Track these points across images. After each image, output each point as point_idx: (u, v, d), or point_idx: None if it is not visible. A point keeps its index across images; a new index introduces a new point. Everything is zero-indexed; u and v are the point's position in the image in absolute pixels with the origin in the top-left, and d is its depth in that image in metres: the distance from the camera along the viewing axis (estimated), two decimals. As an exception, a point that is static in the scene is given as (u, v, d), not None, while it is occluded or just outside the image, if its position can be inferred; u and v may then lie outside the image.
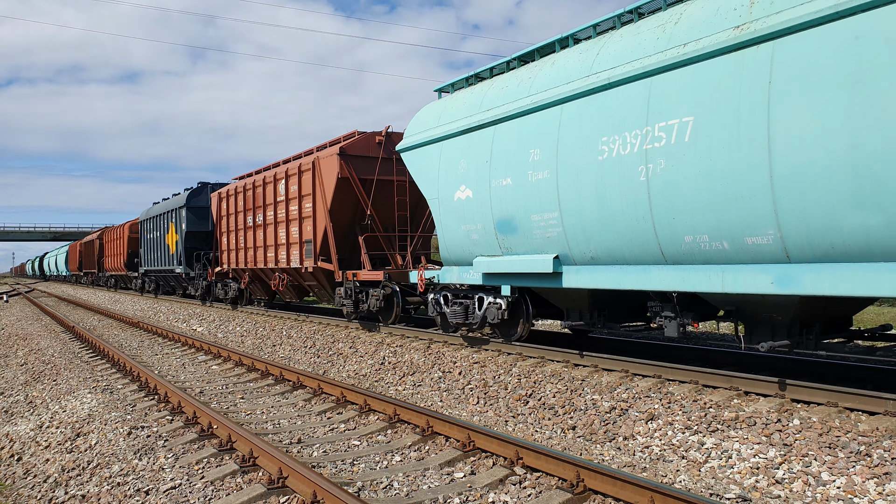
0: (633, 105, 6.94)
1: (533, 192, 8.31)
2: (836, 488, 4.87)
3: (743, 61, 5.92)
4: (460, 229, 9.77)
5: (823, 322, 6.72)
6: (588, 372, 8.18)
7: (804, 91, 5.48)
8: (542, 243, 8.36)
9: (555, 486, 5.21)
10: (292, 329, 14.90)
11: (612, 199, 7.24)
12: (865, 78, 5.10)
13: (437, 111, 10.51)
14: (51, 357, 13.74)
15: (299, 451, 6.52)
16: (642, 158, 6.83)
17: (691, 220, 6.46)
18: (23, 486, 6.61)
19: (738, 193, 5.99)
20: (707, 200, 6.26)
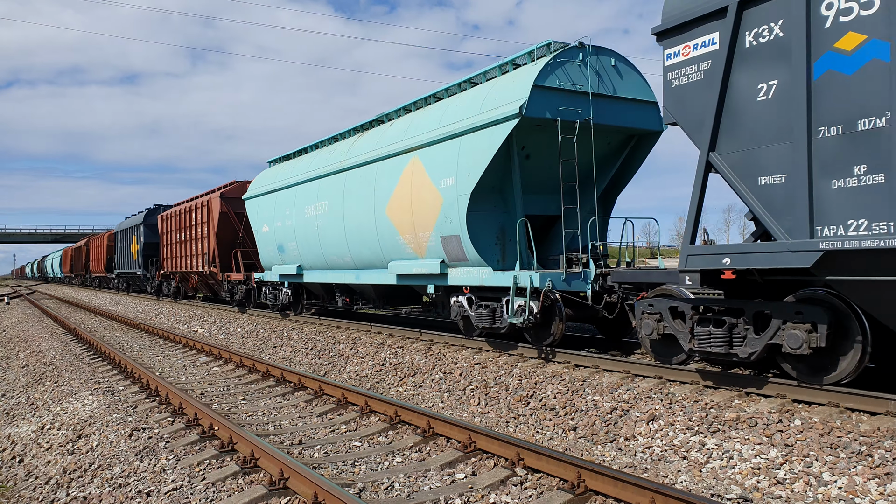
0: (313, 191, 14.50)
1: (288, 231, 15.69)
2: (837, 489, 4.87)
3: (340, 178, 13.39)
4: (265, 249, 17.22)
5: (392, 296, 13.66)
6: (589, 373, 8.18)
7: (351, 194, 12.92)
8: (293, 258, 15.88)
9: (556, 486, 5.21)
10: (293, 331, 14.91)
11: (312, 236, 14.59)
12: (349, 189, 12.96)
13: (262, 177, 18.08)
14: (52, 359, 13.75)
15: (300, 452, 6.53)
16: (316, 217, 14.29)
17: (334, 250, 13.79)
18: (24, 487, 6.62)
19: (341, 238, 13.36)
20: (337, 241, 13.51)
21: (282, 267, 16.30)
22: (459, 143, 9.96)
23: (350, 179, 12.92)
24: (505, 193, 10.23)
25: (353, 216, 12.72)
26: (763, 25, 5.96)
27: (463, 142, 9.90)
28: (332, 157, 14.05)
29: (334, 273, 14.16)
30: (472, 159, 9.67)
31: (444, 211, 10.21)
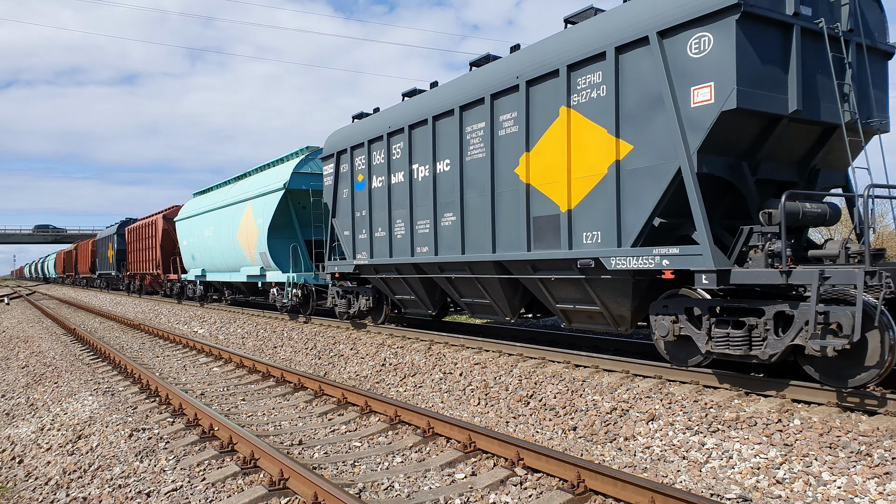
0: (206, 220, 21.85)
1: (196, 245, 23.01)
2: (836, 488, 4.87)
3: (218, 212, 20.91)
4: (186, 257, 24.78)
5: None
6: (589, 373, 8.18)
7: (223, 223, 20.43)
8: (200, 265, 23.24)
9: (556, 486, 5.21)
10: (293, 331, 14.91)
11: (206, 250, 22.05)
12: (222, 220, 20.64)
13: (186, 206, 25.66)
14: (52, 359, 13.75)
15: (300, 452, 6.53)
16: (208, 237, 21.61)
17: (218, 259, 21.15)
18: (24, 488, 6.62)
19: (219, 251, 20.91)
20: (218, 253, 20.94)
21: (195, 270, 24.03)
22: (264, 199, 17.56)
23: (223, 214, 20.60)
24: (293, 227, 17.40)
25: (225, 238, 20.34)
26: (343, 166, 13.19)
27: (266, 198, 17.47)
28: (218, 197, 21.73)
29: (220, 274, 21.72)
30: (267, 209, 17.18)
31: (259, 237, 17.62)
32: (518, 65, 8.89)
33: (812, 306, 5.86)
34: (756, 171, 7.16)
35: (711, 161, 6.80)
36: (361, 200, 12.53)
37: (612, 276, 7.75)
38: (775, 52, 6.65)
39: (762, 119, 6.75)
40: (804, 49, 6.81)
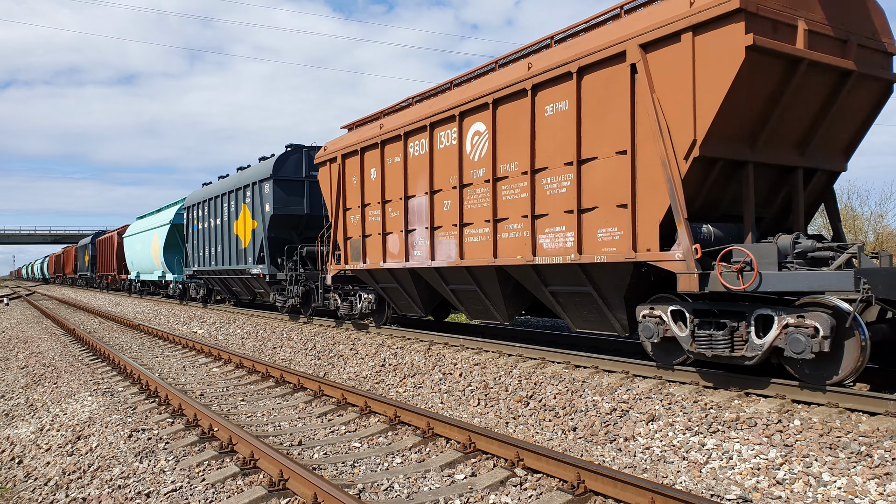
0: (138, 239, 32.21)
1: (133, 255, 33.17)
2: (836, 489, 4.87)
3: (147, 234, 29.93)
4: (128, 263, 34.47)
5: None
6: (589, 373, 8.18)
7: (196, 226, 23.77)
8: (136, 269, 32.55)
9: (555, 487, 5.21)
10: (293, 331, 14.90)
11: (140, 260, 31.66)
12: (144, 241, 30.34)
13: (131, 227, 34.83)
14: (51, 360, 13.74)
15: (300, 453, 6.53)
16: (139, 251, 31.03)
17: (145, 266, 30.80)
18: (23, 488, 6.61)
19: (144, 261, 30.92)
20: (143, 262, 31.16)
21: (133, 272, 33.51)
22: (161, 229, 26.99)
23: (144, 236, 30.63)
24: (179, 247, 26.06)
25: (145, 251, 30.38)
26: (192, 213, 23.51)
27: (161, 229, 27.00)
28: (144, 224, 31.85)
29: (145, 275, 30.85)
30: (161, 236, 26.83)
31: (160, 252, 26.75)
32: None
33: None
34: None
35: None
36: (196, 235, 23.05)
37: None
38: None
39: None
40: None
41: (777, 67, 6.67)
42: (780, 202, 7.93)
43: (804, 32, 6.75)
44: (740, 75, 6.40)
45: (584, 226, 7.96)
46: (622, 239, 7.51)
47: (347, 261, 13.20)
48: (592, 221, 7.86)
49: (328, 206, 13.79)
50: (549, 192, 8.41)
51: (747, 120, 6.92)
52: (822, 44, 7.01)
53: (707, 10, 6.49)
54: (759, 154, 7.20)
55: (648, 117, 7.14)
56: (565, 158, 8.13)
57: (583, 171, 7.93)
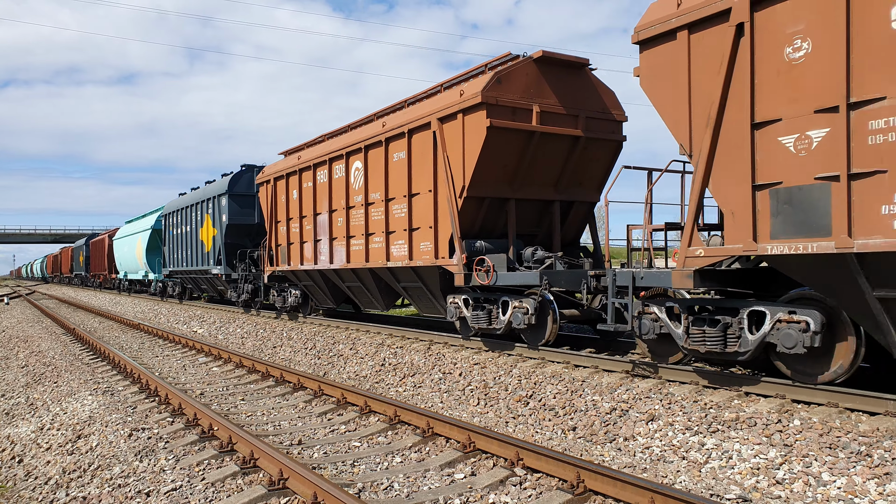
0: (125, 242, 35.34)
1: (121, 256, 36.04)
2: (836, 489, 4.87)
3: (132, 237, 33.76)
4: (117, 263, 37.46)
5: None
6: (588, 373, 8.18)
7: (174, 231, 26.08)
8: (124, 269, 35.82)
9: (555, 486, 5.21)
10: (293, 331, 14.91)
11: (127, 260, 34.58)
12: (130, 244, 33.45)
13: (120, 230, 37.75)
14: (52, 359, 13.75)
15: (300, 452, 6.53)
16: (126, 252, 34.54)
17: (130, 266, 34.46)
18: (24, 487, 6.62)
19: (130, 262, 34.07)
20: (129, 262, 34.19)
21: (122, 271, 36.43)
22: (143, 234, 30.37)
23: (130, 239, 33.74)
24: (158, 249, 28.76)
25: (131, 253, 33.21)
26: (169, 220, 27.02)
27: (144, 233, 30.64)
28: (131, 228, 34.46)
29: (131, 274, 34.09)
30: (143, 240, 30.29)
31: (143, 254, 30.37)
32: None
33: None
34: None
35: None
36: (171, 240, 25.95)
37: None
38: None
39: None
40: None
41: (518, 137, 9.91)
42: (547, 224, 11.10)
43: (537, 114, 10.05)
44: (486, 143, 9.66)
45: (413, 240, 11.33)
46: (431, 250, 10.82)
47: (278, 263, 16.61)
48: (417, 237, 11.22)
49: (265, 219, 17.22)
50: (397, 216, 11.78)
51: (504, 170, 10.15)
52: (554, 119, 10.27)
53: (468, 101, 9.80)
54: (518, 193, 10.45)
55: (442, 168, 10.33)
56: (403, 192, 11.47)
57: (413, 201, 11.31)
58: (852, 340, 6.21)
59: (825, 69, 5.70)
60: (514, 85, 9.83)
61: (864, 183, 5.46)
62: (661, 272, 7.50)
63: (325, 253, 14.13)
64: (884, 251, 5.29)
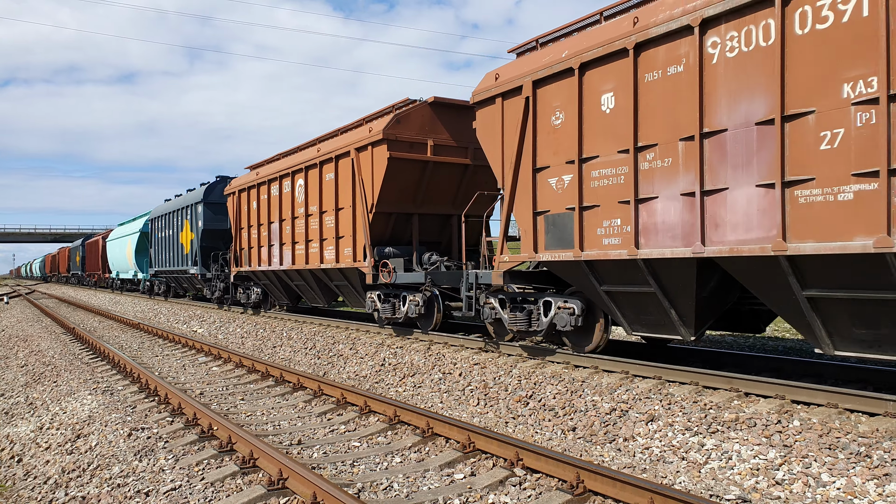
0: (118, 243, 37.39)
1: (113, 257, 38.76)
2: (836, 489, 4.87)
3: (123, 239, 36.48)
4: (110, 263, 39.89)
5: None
6: (588, 373, 8.18)
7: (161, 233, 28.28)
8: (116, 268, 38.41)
9: (555, 487, 5.21)
10: (293, 331, 14.91)
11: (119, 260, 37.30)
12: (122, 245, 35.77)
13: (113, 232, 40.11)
14: (51, 358, 13.75)
15: (299, 452, 6.53)
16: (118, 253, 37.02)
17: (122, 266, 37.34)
18: (23, 487, 6.61)
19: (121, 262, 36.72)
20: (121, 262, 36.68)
21: (114, 271, 38.59)
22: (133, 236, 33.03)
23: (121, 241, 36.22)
24: (146, 250, 30.36)
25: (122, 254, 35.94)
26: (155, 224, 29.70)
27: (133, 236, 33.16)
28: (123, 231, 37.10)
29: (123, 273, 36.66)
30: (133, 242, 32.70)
31: (133, 255, 32.65)
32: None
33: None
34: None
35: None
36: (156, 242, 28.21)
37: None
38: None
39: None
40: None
41: (415, 165, 12.35)
42: (448, 234, 13.64)
43: (431, 147, 12.41)
44: (388, 170, 12.04)
45: (339, 246, 13.73)
46: (352, 254, 13.15)
47: (242, 265, 19.27)
48: (342, 243, 13.63)
49: (231, 226, 20.03)
50: (328, 226, 14.14)
51: (406, 191, 12.60)
52: (447, 151, 12.65)
53: (374, 136, 12.20)
54: (420, 209, 13.00)
55: (359, 188, 12.77)
56: (332, 206, 13.82)
57: (339, 214, 13.68)
58: (602, 322, 8.67)
59: (571, 133, 8.25)
60: (412, 123, 12.35)
61: (588, 213, 8.07)
62: (488, 273, 9.95)
63: (277, 256, 16.63)
64: (597, 259, 7.90)
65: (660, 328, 7.80)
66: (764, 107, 6.22)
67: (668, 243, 7.14)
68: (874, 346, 6.13)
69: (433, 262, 12.16)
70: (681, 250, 6.94)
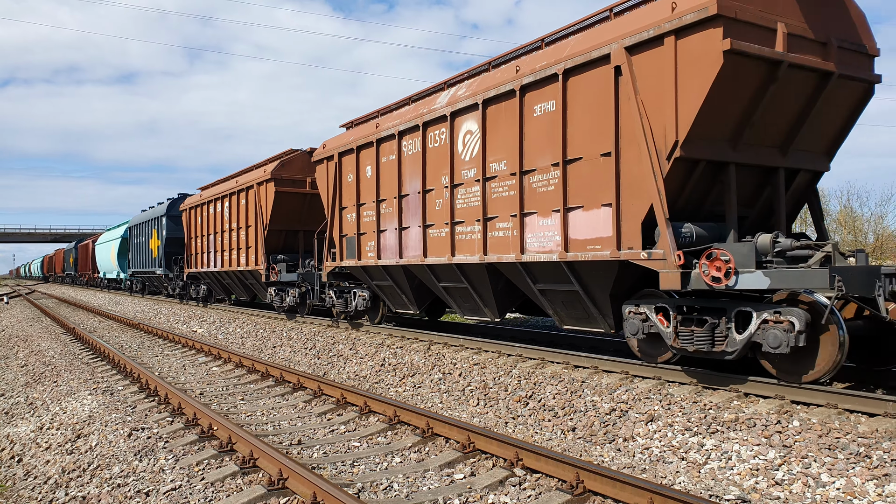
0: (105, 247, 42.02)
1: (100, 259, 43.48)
2: (835, 489, 4.87)
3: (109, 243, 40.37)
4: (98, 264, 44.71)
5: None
6: (588, 373, 8.19)
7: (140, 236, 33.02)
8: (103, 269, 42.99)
9: (554, 487, 5.21)
10: (292, 331, 14.91)
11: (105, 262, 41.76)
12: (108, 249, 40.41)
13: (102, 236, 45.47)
14: (51, 358, 13.75)
15: (299, 452, 6.53)
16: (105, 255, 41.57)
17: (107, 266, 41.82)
18: (23, 487, 6.62)
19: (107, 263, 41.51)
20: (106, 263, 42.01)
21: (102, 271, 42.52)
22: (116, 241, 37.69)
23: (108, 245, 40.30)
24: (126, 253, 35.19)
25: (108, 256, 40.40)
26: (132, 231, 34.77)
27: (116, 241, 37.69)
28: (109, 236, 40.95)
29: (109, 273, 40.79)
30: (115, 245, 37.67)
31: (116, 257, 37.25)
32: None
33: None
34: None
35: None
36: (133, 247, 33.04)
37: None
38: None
39: None
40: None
41: (296, 196, 16.90)
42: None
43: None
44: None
45: (248, 254, 18.49)
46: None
47: (192, 267, 23.30)
48: (250, 252, 18.36)
49: (185, 235, 24.37)
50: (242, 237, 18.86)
51: (292, 213, 17.19)
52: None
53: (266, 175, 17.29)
54: (305, 226, 17.36)
55: (259, 212, 17.53)
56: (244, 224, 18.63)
57: (248, 230, 18.45)
58: (382, 304, 13.69)
59: (354, 187, 12.96)
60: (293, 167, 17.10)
61: (362, 237, 12.95)
62: (320, 273, 14.87)
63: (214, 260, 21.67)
64: (367, 265, 12.78)
65: (402, 307, 12.85)
66: (419, 185, 11.00)
67: (391, 256, 11.94)
68: (583, 321, 8.80)
69: (308, 266, 15.82)
70: (395, 260, 11.81)
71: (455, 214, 10.22)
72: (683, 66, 6.87)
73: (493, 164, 9.43)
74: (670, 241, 6.95)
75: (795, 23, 7.16)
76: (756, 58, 6.71)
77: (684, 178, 7.28)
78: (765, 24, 6.85)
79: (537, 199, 8.70)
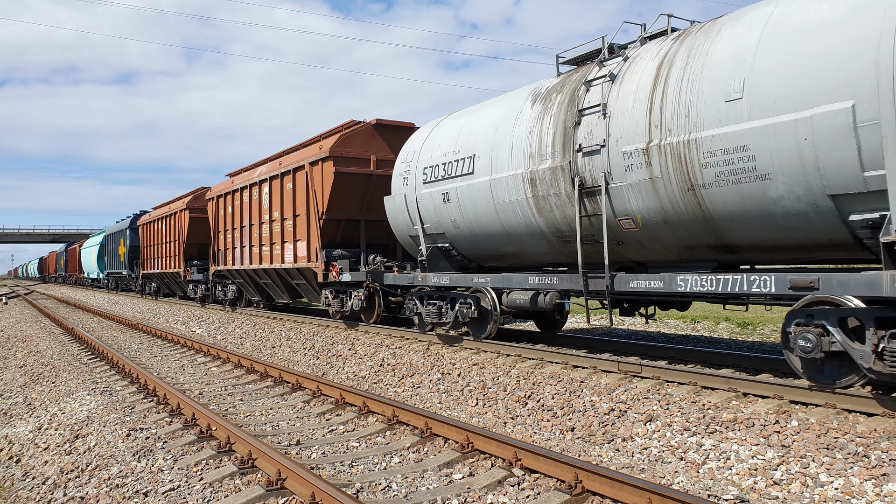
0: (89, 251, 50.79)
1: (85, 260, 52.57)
2: (833, 489, 4.88)
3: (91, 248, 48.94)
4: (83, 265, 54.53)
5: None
6: (587, 373, 8.19)
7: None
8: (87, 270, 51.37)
9: (553, 487, 5.22)
10: (291, 331, 14.91)
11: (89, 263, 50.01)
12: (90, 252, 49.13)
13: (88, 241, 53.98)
14: (50, 359, 13.74)
15: (298, 452, 6.53)
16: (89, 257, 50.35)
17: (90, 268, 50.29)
18: (21, 487, 6.61)
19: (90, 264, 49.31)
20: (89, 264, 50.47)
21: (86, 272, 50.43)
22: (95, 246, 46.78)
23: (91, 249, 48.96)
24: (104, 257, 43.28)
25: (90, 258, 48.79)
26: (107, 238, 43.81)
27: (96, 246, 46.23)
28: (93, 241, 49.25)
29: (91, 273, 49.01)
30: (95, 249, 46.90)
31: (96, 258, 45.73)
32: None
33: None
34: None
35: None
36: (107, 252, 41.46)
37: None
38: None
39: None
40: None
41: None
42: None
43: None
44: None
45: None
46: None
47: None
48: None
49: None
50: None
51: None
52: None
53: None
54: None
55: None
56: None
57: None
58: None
59: (222, 220, 20.56)
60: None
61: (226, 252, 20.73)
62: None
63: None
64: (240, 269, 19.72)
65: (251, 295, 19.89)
66: (248, 220, 18.23)
67: (239, 264, 18.19)
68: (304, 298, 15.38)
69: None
70: (241, 266, 17.06)
71: (262, 240, 17.54)
72: (324, 176, 14.12)
73: (275, 213, 16.72)
74: (322, 258, 14.18)
75: (383, 153, 14.43)
76: (354, 174, 14.10)
77: (334, 228, 14.49)
78: (363, 156, 14.27)
79: (286, 234, 16.05)
